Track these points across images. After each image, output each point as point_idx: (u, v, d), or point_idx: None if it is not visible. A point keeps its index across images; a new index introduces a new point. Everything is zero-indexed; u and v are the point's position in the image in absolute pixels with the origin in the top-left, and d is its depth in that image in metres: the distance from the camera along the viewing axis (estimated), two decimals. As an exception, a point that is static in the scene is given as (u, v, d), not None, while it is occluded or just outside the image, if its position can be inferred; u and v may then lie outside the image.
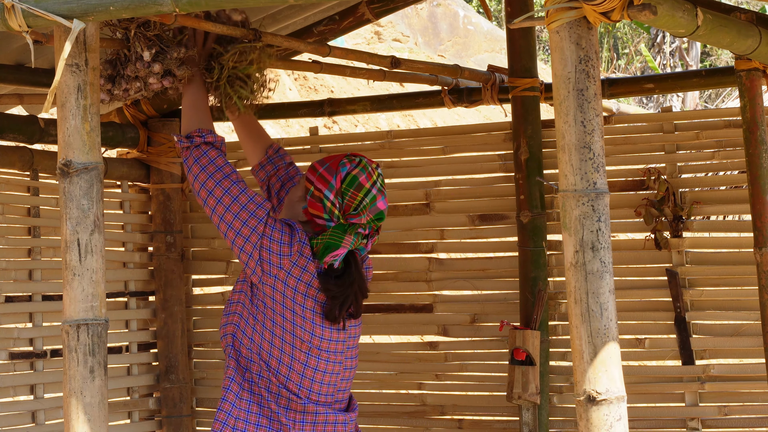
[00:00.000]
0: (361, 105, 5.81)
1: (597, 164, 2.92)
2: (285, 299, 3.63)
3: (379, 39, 15.67)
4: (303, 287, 3.63)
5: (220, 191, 3.64)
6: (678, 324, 5.17)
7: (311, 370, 3.68)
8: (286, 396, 3.68)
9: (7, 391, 5.25)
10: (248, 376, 3.70)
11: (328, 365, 3.72)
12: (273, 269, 3.62)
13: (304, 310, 3.64)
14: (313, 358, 3.67)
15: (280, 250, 3.61)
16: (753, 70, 4.31)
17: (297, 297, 3.63)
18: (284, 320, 3.64)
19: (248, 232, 3.62)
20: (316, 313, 3.66)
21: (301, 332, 3.65)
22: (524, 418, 5.23)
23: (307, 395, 3.70)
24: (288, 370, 3.67)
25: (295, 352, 3.66)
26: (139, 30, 3.74)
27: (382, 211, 3.75)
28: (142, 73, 3.79)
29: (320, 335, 3.68)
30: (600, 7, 2.87)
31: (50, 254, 5.44)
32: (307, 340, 3.65)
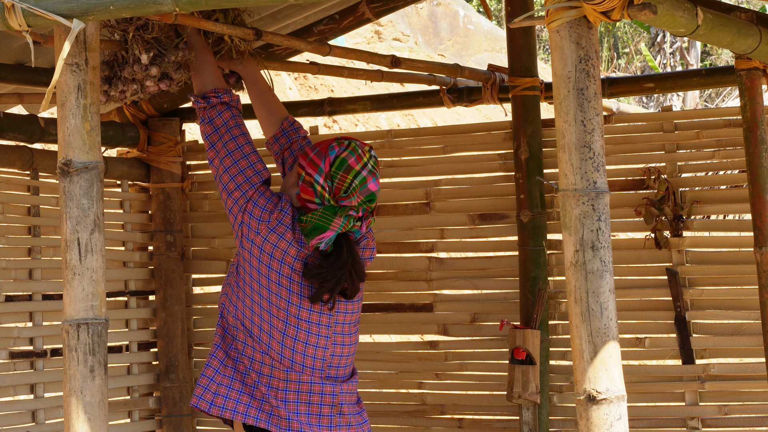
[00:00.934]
0: (361, 104, 5.81)
1: (597, 163, 2.92)
2: (261, 265, 3.68)
3: (380, 38, 15.67)
4: (279, 253, 3.67)
5: (224, 151, 3.76)
6: (678, 323, 5.17)
7: (290, 340, 3.71)
8: (269, 364, 3.71)
9: (8, 391, 5.25)
10: (235, 345, 3.75)
11: (310, 337, 3.72)
12: (251, 234, 3.68)
13: (279, 277, 3.67)
14: (291, 327, 3.70)
15: (260, 215, 3.69)
16: (753, 70, 4.31)
17: (273, 263, 3.66)
18: (260, 287, 3.69)
19: (239, 194, 3.72)
20: (293, 281, 3.69)
21: (277, 300, 3.68)
22: (524, 417, 5.23)
23: (290, 365, 3.72)
24: (269, 338, 3.71)
25: (273, 320, 3.70)
26: (138, 32, 3.74)
27: (373, 192, 3.77)
28: (139, 76, 3.79)
29: (298, 304, 3.69)
30: (600, 7, 2.87)
31: (50, 253, 5.43)
32: (283, 308, 3.69)
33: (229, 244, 5.94)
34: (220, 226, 5.96)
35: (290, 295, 3.69)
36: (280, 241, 3.67)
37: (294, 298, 3.69)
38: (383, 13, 5.29)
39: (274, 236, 3.67)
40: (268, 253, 3.66)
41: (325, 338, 3.76)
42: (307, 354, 3.73)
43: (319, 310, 3.74)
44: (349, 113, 6.04)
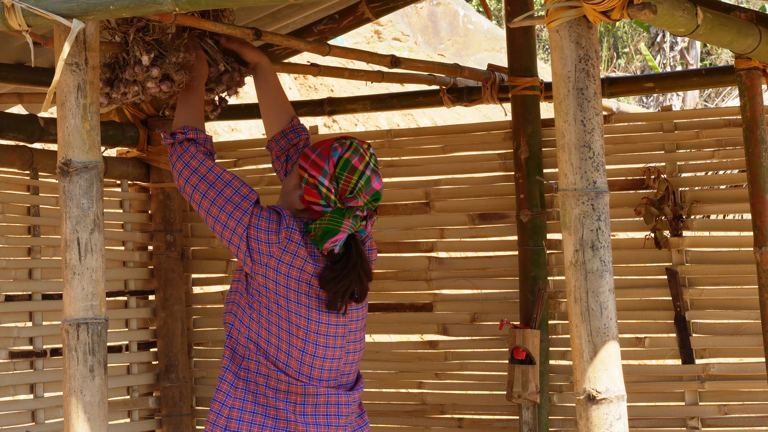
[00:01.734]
0: (361, 104, 5.82)
1: (597, 163, 2.92)
2: (278, 287, 3.62)
3: (379, 38, 15.67)
4: (295, 272, 3.63)
5: (204, 185, 3.65)
6: (678, 323, 5.17)
7: (309, 357, 3.67)
8: (285, 380, 3.67)
9: (7, 390, 5.25)
10: (245, 365, 3.70)
11: (327, 350, 3.70)
12: (263, 258, 3.61)
13: (298, 296, 3.63)
14: (311, 345, 3.66)
15: (267, 238, 3.61)
16: (753, 69, 4.31)
17: (290, 283, 3.62)
18: (279, 308, 3.63)
19: (234, 224, 3.62)
20: (311, 297, 3.65)
21: (296, 319, 3.63)
22: (524, 417, 5.23)
23: (307, 380, 3.69)
24: (286, 356, 3.66)
25: (293, 339, 3.64)
26: (138, 34, 3.74)
27: (377, 191, 3.74)
28: (141, 78, 3.79)
29: (317, 320, 3.66)
30: (600, 6, 2.87)
31: (50, 253, 5.44)
32: (303, 326, 3.64)
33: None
34: (219, 225, 5.95)
35: (309, 312, 3.65)
36: (294, 260, 3.62)
37: (313, 314, 3.65)
38: (383, 12, 5.30)
39: (288, 256, 3.62)
40: (284, 273, 3.61)
41: (339, 349, 3.74)
42: (324, 368, 3.71)
43: (335, 322, 3.71)
44: (348, 113, 6.04)
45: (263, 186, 5.88)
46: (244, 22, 5.11)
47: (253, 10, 5.07)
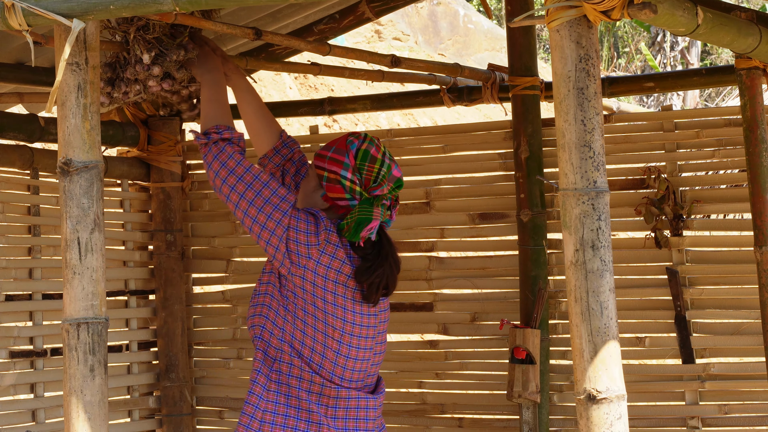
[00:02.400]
0: (361, 103, 5.82)
1: (597, 163, 2.92)
2: (315, 288, 3.62)
3: (380, 38, 15.67)
4: (333, 274, 3.63)
5: (242, 186, 3.63)
6: (678, 322, 5.17)
7: (343, 358, 3.67)
8: (319, 383, 3.67)
9: (8, 390, 5.25)
10: (276, 367, 3.68)
11: (359, 352, 3.71)
12: (302, 260, 3.61)
13: (335, 297, 3.63)
14: (345, 345, 3.66)
15: (307, 240, 3.61)
16: (753, 69, 4.31)
17: (328, 285, 3.62)
18: (315, 309, 3.63)
19: (273, 225, 3.60)
20: (347, 299, 3.65)
21: (333, 320, 3.63)
22: (524, 416, 5.23)
23: (339, 382, 3.69)
24: (321, 358, 3.65)
25: (328, 340, 3.64)
26: (139, 33, 3.74)
27: (399, 178, 3.76)
28: (142, 76, 3.79)
29: (352, 321, 3.66)
30: (600, 6, 2.87)
31: (50, 253, 5.44)
32: (339, 328, 3.64)
33: (228, 243, 5.94)
34: (220, 225, 5.96)
35: (345, 313, 3.65)
36: (332, 261, 3.62)
37: (348, 315, 3.66)
38: (383, 12, 5.30)
39: (326, 257, 3.62)
40: (322, 275, 3.61)
41: (369, 350, 3.75)
42: (354, 368, 3.72)
43: (367, 323, 3.71)
44: (349, 113, 6.04)
45: (263, 185, 5.87)
46: (245, 21, 5.11)
47: (253, 10, 5.07)
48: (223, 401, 5.96)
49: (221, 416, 5.97)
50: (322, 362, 3.66)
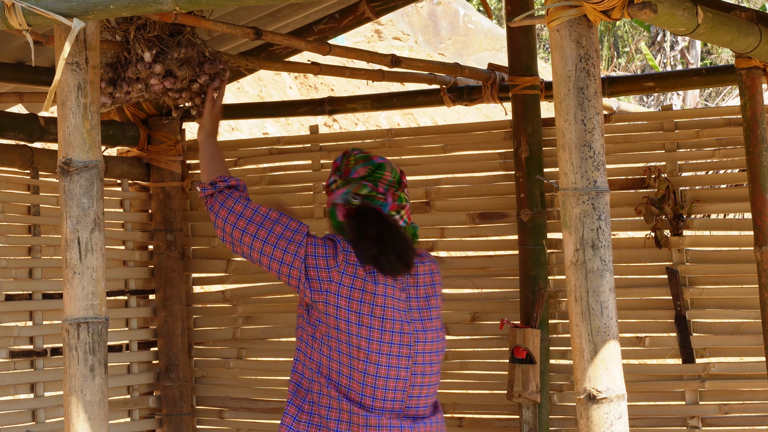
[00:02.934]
0: (361, 103, 5.81)
1: (597, 162, 2.92)
2: (339, 310, 3.65)
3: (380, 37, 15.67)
4: (357, 294, 3.66)
5: (253, 227, 3.70)
6: (678, 322, 5.17)
7: (371, 377, 3.66)
8: (347, 410, 3.65)
9: (8, 390, 5.25)
10: (309, 398, 3.70)
11: (390, 371, 3.68)
12: (323, 284, 3.65)
13: (360, 317, 3.65)
14: (372, 365, 3.65)
15: (326, 264, 3.66)
16: (753, 69, 4.31)
17: (352, 305, 3.65)
18: (339, 332, 3.65)
19: (291, 258, 3.66)
20: (374, 317, 3.66)
21: (357, 341, 3.64)
22: (524, 416, 5.23)
23: (371, 403, 3.66)
24: (348, 380, 3.66)
25: (353, 361, 3.64)
26: (139, 32, 3.74)
27: (377, 162, 3.83)
28: (143, 75, 3.79)
29: (378, 339, 3.66)
30: (600, 6, 2.87)
31: (50, 252, 5.44)
32: (364, 347, 3.64)
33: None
34: (220, 225, 5.95)
35: (371, 332, 3.65)
36: (355, 281, 3.65)
37: (375, 333, 3.66)
38: (383, 12, 5.30)
39: (348, 278, 3.65)
40: (345, 296, 3.64)
41: (404, 369, 3.71)
42: (388, 388, 3.69)
43: (398, 341, 3.69)
44: (349, 112, 6.04)
45: (263, 186, 5.88)
46: (245, 21, 5.11)
47: (253, 10, 5.07)
48: (223, 401, 5.96)
49: (221, 416, 5.97)
50: (350, 384, 3.66)
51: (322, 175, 5.79)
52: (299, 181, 5.86)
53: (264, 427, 5.89)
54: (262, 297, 5.91)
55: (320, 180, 5.79)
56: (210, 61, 4.01)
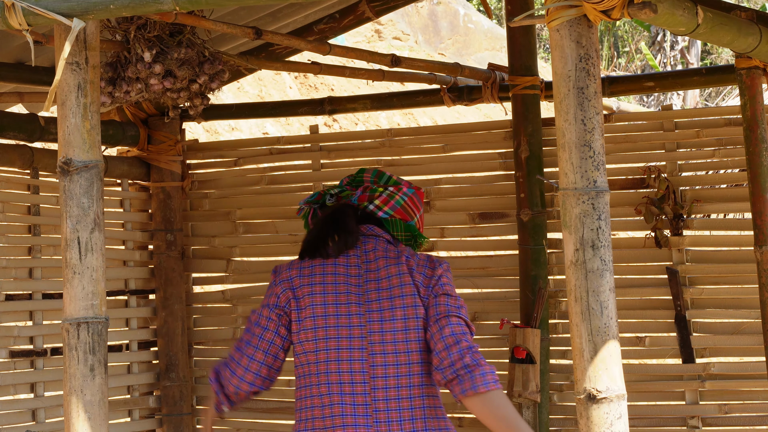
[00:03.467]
0: (361, 103, 5.81)
1: (597, 162, 2.92)
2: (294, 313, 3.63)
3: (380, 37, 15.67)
4: (301, 292, 3.61)
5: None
6: (678, 322, 5.17)
7: (324, 364, 3.52)
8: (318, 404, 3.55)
9: (8, 390, 5.25)
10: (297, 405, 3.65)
11: (341, 343, 3.53)
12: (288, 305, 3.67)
13: (310, 310, 3.59)
14: (321, 341, 3.54)
15: (275, 293, 3.69)
16: (753, 69, 4.31)
17: (301, 302, 3.61)
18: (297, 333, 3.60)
19: (265, 321, 3.71)
20: (315, 305, 3.57)
21: (305, 331, 3.57)
22: (524, 416, 5.23)
23: (327, 381, 3.52)
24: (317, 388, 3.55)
25: (306, 346, 3.55)
26: (139, 32, 3.74)
27: (360, 168, 3.87)
28: (143, 74, 3.79)
29: (323, 314, 3.55)
30: (600, 6, 2.87)
31: (50, 252, 5.43)
32: (310, 327, 3.55)
33: (228, 243, 5.94)
34: (220, 225, 5.96)
35: (314, 310, 3.58)
36: (297, 285, 3.65)
37: (318, 309, 3.58)
38: (383, 11, 5.30)
39: (289, 291, 3.67)
40: (294, 304, 3.66)
41: (359, 350, 3.54)
42: (343, 381, 3.51)
43: (347, 312, 3.56)
44: (349, 112, 6.05)
45: (263, 185, 5.88)
46: (245, 21, 5.11)
47: (253, 9, 5.07)
48: (223, 401, 5.95)
49: (221, 416, 5.96)
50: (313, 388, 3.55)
51: (322, 175, 5.79)
52: (299, 181, 5.85)
53: (264, 427, 5.89)
54: (262, 297, 5.90)
55: (320, 180, 5.79)
56: (210, 61, 4.01)
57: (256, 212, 5.92)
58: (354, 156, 5.76)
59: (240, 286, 5.93)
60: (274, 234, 5.86)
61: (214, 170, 6.02)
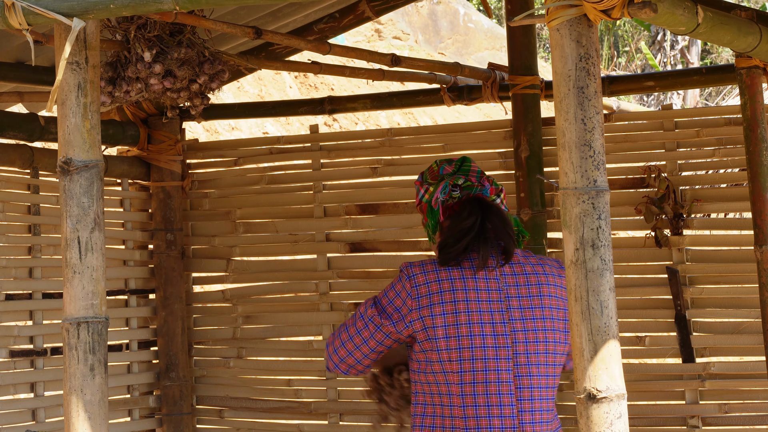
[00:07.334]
0: (361, 103, 5.81)
1: (597, 162, 2.92)
2: (426, 332, 3.42)
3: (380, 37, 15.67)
4: (438, 309, 3.41)
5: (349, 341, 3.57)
6: (678, 322, 5.17)
7: (470, 386, 3.35)
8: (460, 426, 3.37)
9: (8, 389, 5.25)
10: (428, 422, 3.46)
11: (489, 374, 3.35)
12: (405, 319, 3.47)
13: (446, 329, 3.38)
14: (467, 373, 3.35)
15: (401, 300, 3.48)
16: (753, 68, 4.31)
17: (436, 320, 3.40)
18: (431, 352, 3.40)
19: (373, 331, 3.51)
20: (460, 325, 3.37)
21: (447, 354, 3.37)
22: (524, 415, 5.22)
23: (476, 423, 3.35)
24: (449, 399, 3.39)
25: (449, 376, 3.37)
26: (139, 31, 3.74)
27: (460, 158, 3.58)
28: (143, 74, 3.79)
29: (469, 346, 3.36)
30: (600, 5, 2.87)
31: (50, 252, 5.44)
32: (455, 358, 3.36)
33: (228, 242, 5.94)
34: (220, 224, 5.96)
35: (459, 341, 3.37)
36: (432, 297, 3.44)
37: (464, 341, 3.37)
38: (383, 11, 5.30)
39: (425, 299, 3.44)
40: (428, 316, 3.43)
41: (507, 372, 3.37)
42: (490, 393, 3.36)
43: (493, 344, 3.37)
44: (349, 112, 6.04)
45: (263, 185, 5.88)
46: (245, 20, 5.11)
47: (253, 9, 5.07)
48: (223, 400, 5.96)
49: (221, 415, 5.97)
50: (452, 411, 3.37)
51: (322, 175, 5.79)
52: (299, 180, 5.86)
53: (264, 426, 5.89)
54: (262, 297, 5.91)
55: (320, 180, 5.79)
56: (210, 61, 4.01)
57: (256, 212, 5.92)
58: (354, 155, 5.76)
59: (240, 285, 5.93)
60: (274, 234, 5.86)
61: (214, 170, 6.02)
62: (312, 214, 5.78)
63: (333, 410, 5.77)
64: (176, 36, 3.85)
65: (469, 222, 3.43)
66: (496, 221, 3.45)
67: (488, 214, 3.45)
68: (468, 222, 3.43)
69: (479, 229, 3.42)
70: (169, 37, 3.82)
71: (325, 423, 5.78)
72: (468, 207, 3.46)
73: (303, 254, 5.80)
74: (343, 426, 5.74)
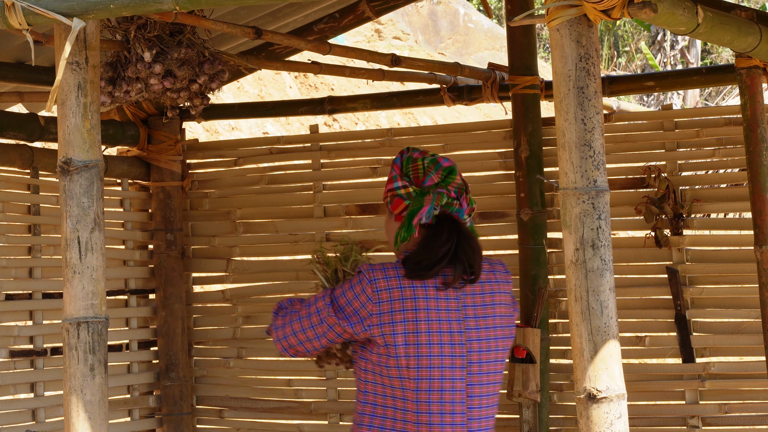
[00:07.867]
0: (361, 103, 5.81)
1: (597, 162, 2.92)
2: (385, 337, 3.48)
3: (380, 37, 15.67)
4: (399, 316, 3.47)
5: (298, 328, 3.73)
6: (678, 322, 5.17)
7: (425, 393, 3.45)
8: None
9: (8, 389, 5.25)
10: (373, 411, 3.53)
11: (444, 383, 3.45)
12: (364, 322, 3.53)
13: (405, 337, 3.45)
14: (424, 381, 3.44)
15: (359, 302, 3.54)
16: (753, 68, 4.31)
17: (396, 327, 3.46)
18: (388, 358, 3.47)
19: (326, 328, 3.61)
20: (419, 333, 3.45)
21: (406, 361, 3.44)
22: (524, 415, 5.23)
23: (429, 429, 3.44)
24: (403, 404, 3.47)
25: (405, 382, 3.45)
26: (139, 31, 3.74)
27: (449, 166, 3.62)
28: (143, 74, 3.79)
29: (427, 354, 3.44)
30: (600, 5, 2.87)
31: (50, 252, 5.44)
32: (413, 366, 3.44)
33: (228, 242, 5.94)
34: (220, 224, 5.96)
35: (418, 349, 3.44)
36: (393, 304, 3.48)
37: (422, 349, 3.44)
38: (383, 11, 5.30)
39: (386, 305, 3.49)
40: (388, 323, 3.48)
41: (460, 380, 3.47)
42: (444, 401, 3.45)
43: (450, 353, 3.46)
44: (349, 112, 6.04)
45: (263, 185, 5.88)
46: (245, 20, 5.11)
47: (253, 9, 5.07)
48: (223, 400, 5.96)
49: (221, 415, 5.97)
50: (405, 416, 3.45)
51: (322, 175, 5.79)
52: (299, 180, 5.86)
53: (264, 426, 5.89)
54: (262, 297, 5.91)
55: (320, 179, 5.79)
56: (210, 61, 4.01)
57: (256, 212, 5.92)
58: (354, 155, 5.76)
59: (240, 285, 5.93)
60: (274, 234, 5.86)
61: (214, 170, 6.02)
62: (312, 214, 5.78)
63: (333, 410, 5.77)
64: (176, 36, 3.85)
65: (446, 248, 3.51)
66: (467, 247, 3.53)
67: (461, 239, 3.53)
68: (445, 248, 3.51)
69: (453, 253, 3.50)
70: (169, 37, 3.82)
71: (325, 423, 5.78)
72: (446, 230, 3.54)
73: (303, 254, 5.80)
74: (343, 426, 5.74)
